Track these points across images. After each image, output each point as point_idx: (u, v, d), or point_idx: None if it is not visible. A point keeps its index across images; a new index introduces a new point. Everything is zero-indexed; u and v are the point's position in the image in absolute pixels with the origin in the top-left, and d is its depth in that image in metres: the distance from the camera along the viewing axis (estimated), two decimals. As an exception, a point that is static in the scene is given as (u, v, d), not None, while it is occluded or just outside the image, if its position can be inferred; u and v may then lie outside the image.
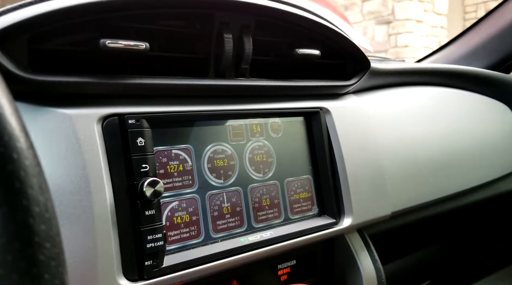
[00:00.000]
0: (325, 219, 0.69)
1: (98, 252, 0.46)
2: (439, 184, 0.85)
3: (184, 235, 0.56)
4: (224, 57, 0.59)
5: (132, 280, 0.49)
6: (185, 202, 0.56)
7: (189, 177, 0.57)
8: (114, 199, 0.48)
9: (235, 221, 0.61)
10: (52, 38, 0.48)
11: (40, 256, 0.23)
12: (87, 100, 0.50)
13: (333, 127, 0.71)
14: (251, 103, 0.64)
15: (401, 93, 0.91)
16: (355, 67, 0.77)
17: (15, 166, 0.23)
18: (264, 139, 0.65)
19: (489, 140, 0.99)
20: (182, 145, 0.57)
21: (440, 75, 0.99)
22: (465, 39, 1.35)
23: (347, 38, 0.71)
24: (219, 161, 0.60)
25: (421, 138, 0.85)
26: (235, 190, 0.61)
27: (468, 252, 1.22)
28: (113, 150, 0.50)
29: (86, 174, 0.47)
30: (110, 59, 0.53)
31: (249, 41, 0.61)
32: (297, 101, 0.69)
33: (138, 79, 0.53)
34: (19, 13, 0.43)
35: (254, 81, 0.64)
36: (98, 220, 0.47)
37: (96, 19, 0.49)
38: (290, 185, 0.67)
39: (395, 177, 0.77)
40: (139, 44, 0.51)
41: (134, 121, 0.51)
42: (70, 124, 0.47)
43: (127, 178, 0.50)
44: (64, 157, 0.46)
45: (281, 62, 0.70)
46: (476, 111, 1.02)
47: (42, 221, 0.24)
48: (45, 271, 0.23)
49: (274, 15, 0.63)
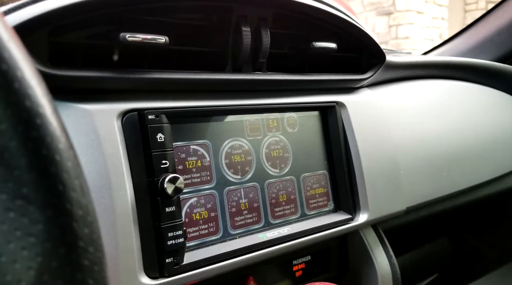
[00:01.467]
0: (341, 214, 0.68)
1: (119, 250, 0.46)
2: (453, 179, 0.84)
3: (203, 232, 0.55)
4: (241, 51, 0.58)
5: (153, 277, 0.48)
6: (204, 198, 0.56)
7: (207, 173, 0.56)
8: (135, 195, 0.48)
9: (253, 217, 0.60)
10: (72, 31, 0.47)
11: (84, 261, 0.22)
12: (106, 95, 0.49)
13: (348, 121, 0.70)
14: (267, 98, 0.63)
15: (414, 87, 0.90)
16: (370, 60, 0.75)
17: (58, 168, 0.22)
18: (280, 134, 0.65)
19: (500, 133, 0.98)
20: (200, 140, 0.56)
21: (453, 68, 0.98)
22: (472, 31, 1.34)
23: (363, 31, 0.70)
24: (237, 156, 0.60)
25: (434, 132, 0.84)
26: (252, 186, 0.61)
27: (476, 246, 1.22)
28: (133, 146, 0.49)
29: (106, 170, 0.46)
30: (127, 53, 0.52)
31: (267, 34, 0.60)
32: (312, 95, 0.69)
33: (156, 73, 0.51)
34: (39, 6, 0.42)
35: (271, 75, 0.63)
36: (119, 217, 0.46)
37: (115, 12, 0.48)
38: (306, 180, 0.66)
39: (410, 172, 0.77)
40: (159, 38, 0.50)
41: (154, 116, 0.50)
42: (90, 120, 0.46)
43: (147, 174, 0.49)
44: (84, 153, 0.46)
45: (296, 56, 0.69)
46: (488, 104, 1.02)
47: (85, 224, 0.23)
48: (89, 276, 0.23)
49: (292, 7, 0.61)
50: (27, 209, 0.21)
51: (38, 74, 0.23)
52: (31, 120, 0.22)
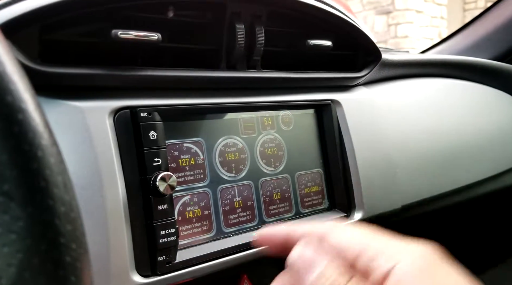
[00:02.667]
0: (335, 213, 0.68)
1: (111, 248, 0.45)
2: (448, 177, 0.84)
3: (196, 230, 0.55)
4: (236, 49, 0.58)
5: (145, 276, 0.48)
6: (197, 197, 0.55)
7: (201, 171, 0.56)
8: (127, 193, 0.47)
9: (247, 215, 0.60)
10: (63, 28, 0.47)
11: (66, 258, 0.22)
12: (98, 92, 0.48)
13: (344, 119, 0.70)
14: (262, 96, 0.63)
15: (410, 85, 0.89)
16: (366, 58, 0.75)
17: (40, 164, 0.22)
18: (275, 132, 0.64)
19: (496, 132, 0.98)
20: (193, 138, 0.56)
21: (450, 66, 0.98)
22: (470, 30, 1.34)
23: (359, 29, 0.70)
24: (231, 154, 0.59)
25: (430, 131, 0.84)
26: (246, 184, 0.60)
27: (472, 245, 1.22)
28: (125, 143, 0.49)
29: (98, 168, 0.46)
30: (119, 51, 0.51)
31: (261, 32, 0.59)
32: (307, 93, 0.68)
33: (149, 71, 0.51)
34: (29, 3, 0.42)
35: (266, 73, 0.62)
36: (111, 215, 0.46)
37: (107, 9, 0.48)
38: (301, 178, 0.66)
39: (405, 170, 0.76)
40: (151, 35, 0.49)
41: (146, 114, 0.49)
42: (81, 117, 0.46)
43: (139, 172, 0.49)
44: (75, 151, 0.45)
45: (290, 54, 0.69)
46: (484, 103, 1.02)
47: (68, 221, 0.23)
48: (72, 273, 0.22)
49: (287, 5, 0.61)
50: (9, 206, 0.21)
51: (21, 69, 0.23)
52: (12, 115, 0.21)
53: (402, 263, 0.30)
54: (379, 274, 0.30)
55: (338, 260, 0.32)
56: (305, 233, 0.36)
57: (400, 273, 0.29)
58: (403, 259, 0.30)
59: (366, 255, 0.32)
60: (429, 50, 1.40)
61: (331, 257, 0.33)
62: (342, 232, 0.35)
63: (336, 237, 0.34)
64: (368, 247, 0.32)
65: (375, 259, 0.31)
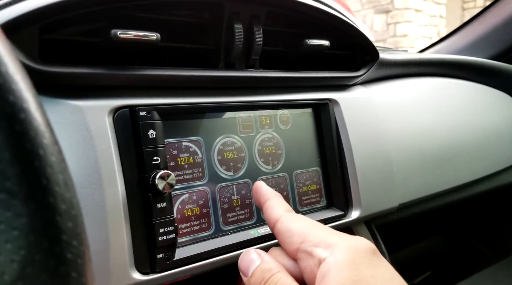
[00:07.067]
0: (333, 211, 0.68)
1: (110, 246, 0.46)
2: (446, 176, 0.85)
3: (194, 228, 0.55)
4: (234, 48, 0.58)
5: (144, 273, 0.49)
6: (196, 195, 0.56)
7: (199, 170, 0.57)
8: (126, 192, 0.48)
9: (245, 213, 0.60)
10: (63, 28, 0.47)
11: (68, 255, 0.23)
12: (97, 91, 0.49)
13: (341, 118, 0.70)
14: (260, 95, 0.63)
15: (408, 84, 0.90)
16: (363, 57, 0.76)
17: (41, 163, 0.22)
18: (273, 131, 0.65)
19: (494, 131, 0.99)
20: (192, 137, 0.56)
21: (447, 65, 0.99)
22: (468, 29, 1.34)
23: (356, 29, 0.70)
24: (229, 153, 0.60)
25: (427, 130, 0.85)
26: (245, 183, 0.61)
27: (470, 243, 1.22)
28: (124, 142, 0.49)
29: (97, 167, 0.46)
30: (118, 50, 0.52)
31: (260, 31, 0.60)
32: (305, 92, 0.69)
33: (148, 70, 0.52)
34: (29, 3, 0.42)
35: (264, 72, 0.63)
36: (110, 213, 0.46)
37: (107, 9, 0.48)
38: (298, 177, 0.67)
39: (403, 169, 0.77)
40: (150, 35, 0.50)
41: (145, 113, 0.50)
42: (81, 116, 0.46)
43: (138, 170, 0.50)
44: (75, 150, 0.46)
45: (288, 53, 0.70)
46: (481, 102, 1.02)
47: (69, 218, 0.23)
48: (73, 269, 0.23)
49: (285, 5, 0.62)
50: (11, 202, 0.21)
51: (23, 69, 0.24)
52: (14, 115, 0.22)
53: (335, 254, 0.37)
54: (316, 260, 0.37)
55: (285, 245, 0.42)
56: (268, 205, 0.47)
57: (331, 262, 0.36)
58: (336, 251, 0.37)
59: (309, 240, 0.39)
60: (427, 49, 1.41)
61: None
62: (292, 219, 0.43)
63: (286, 223, 0.43)
64: (312, 234, 0.40)
65: (317, 245, 0.38)
